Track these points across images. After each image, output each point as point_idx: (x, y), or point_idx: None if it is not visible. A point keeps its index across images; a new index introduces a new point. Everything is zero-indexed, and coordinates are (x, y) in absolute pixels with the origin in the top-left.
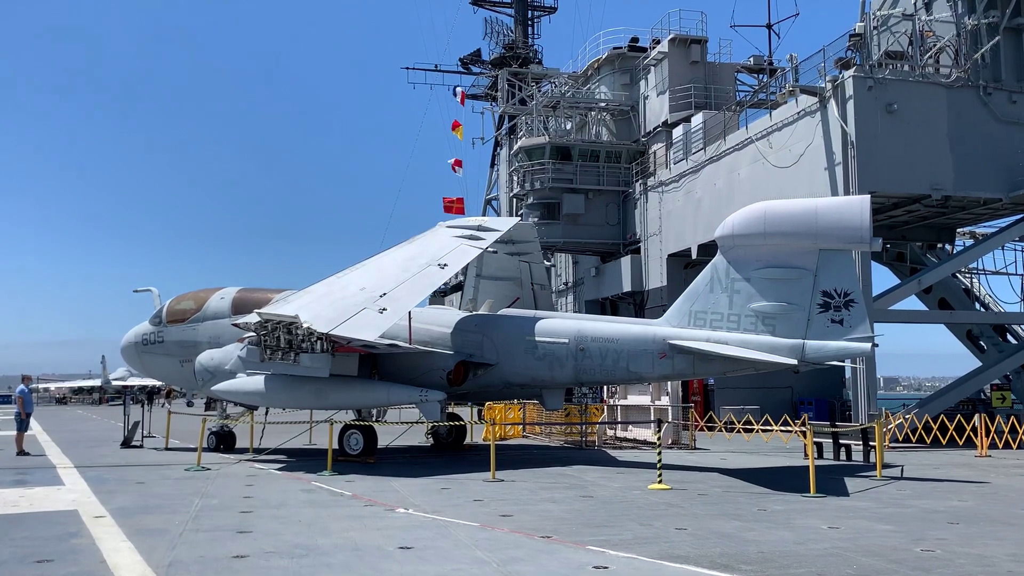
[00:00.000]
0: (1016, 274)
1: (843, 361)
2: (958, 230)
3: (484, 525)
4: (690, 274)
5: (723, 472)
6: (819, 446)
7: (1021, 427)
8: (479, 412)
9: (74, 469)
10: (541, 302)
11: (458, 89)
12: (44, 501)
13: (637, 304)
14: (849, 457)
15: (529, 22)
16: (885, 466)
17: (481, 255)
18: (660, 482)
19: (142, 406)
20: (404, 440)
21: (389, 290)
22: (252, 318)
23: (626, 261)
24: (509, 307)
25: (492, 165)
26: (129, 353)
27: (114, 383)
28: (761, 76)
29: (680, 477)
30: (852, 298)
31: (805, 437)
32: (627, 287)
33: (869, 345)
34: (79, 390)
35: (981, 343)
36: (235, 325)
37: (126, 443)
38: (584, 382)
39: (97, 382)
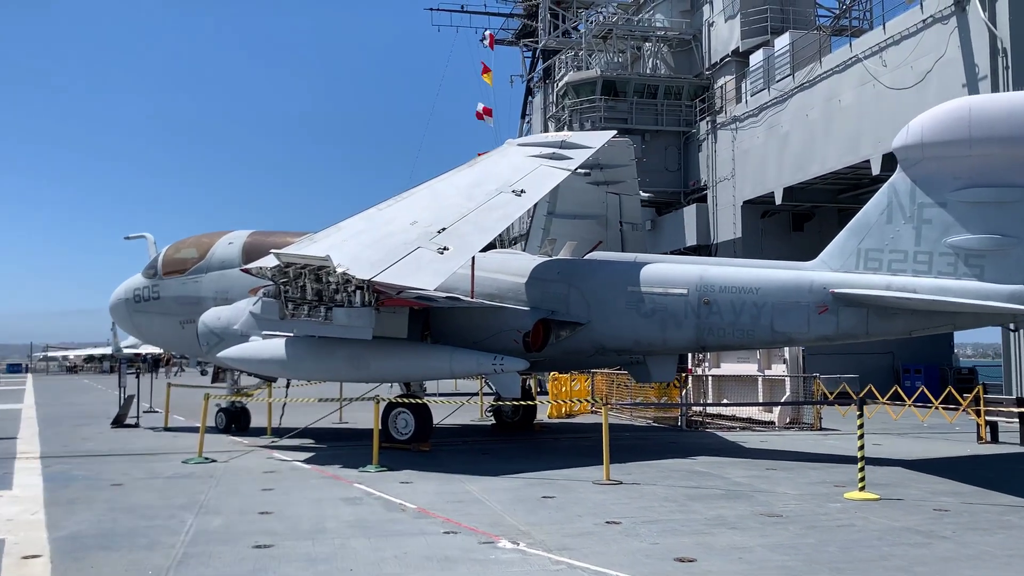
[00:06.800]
0: None
1: None
2: None
3: None
4: (769, 224)
5: (906, 466)
6: (994, 426)
7: None
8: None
9: (38, 461)
10: (631, 247)
11: (487, 32)
12: None
13: None
14: None
15: None
16: None
17: (556, 187)
18: (862, 489)
19: (138, 376)
20: (453, 419)
21: (450, 224)
22: (269, 261)
23: (690, 211)
24: (590, 252)
25: (523, 116)
26: (119, 312)
27: (125, 350)
28: None
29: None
30: None
31: (979, 417)
32: (691, 241)
33: None
34: (90, 359)
35: None
36: (245, 271)
37: (118, 421)
38: (709, 346)
39: (108, 350)
